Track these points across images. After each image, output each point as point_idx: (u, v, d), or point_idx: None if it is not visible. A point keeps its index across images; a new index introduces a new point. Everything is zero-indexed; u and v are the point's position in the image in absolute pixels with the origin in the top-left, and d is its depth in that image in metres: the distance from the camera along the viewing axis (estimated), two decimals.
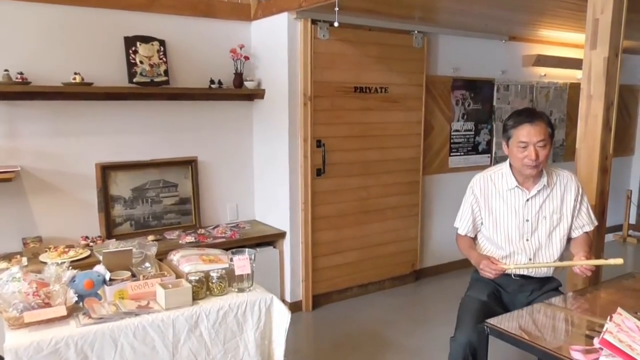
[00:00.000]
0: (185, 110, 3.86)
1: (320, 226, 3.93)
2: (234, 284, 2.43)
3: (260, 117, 4.08)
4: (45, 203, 3.42)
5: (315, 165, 3.82)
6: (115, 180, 3.67)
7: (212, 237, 3.69)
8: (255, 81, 3.96)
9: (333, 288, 4.10)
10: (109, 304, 2.16)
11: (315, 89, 3.72)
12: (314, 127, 3.76)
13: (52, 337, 1.94)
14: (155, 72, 3.62)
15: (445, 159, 4.71)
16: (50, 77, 3.28)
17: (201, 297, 2.32)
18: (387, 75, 4.08)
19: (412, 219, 4.44)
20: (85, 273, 2.22)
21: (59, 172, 3.45)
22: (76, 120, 3.46)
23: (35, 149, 3.35)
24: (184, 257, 2.51)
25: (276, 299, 2.43)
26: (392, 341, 3.44)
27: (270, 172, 4.03)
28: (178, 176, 3.92)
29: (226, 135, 4.06)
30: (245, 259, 2.39)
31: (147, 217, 3.80)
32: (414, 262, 4.52)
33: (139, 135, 3.71)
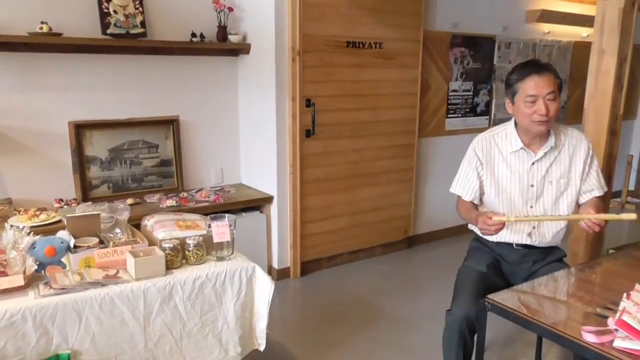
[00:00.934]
0: (165, 65, 3.59)
1: (309, 190, 3.73)
2: (213, 252, 2.24)
3: (245, 74, 3.82)
4: (14, 163, 3.20)
5: (304, 126, 3.60)
6: (90, 140, 3.43)
7: (194, 201, 3.49)
8: (240, 35, 3.68)
9: (322, 255, 3.94)
10: (72, 273, 1.97)
11: (304, 43, 3.45)
12: (303, 85, 3.52)
13: (7, 309, 1.76)
14: (130, 23, 3.34)
15: (442, 121, 4.49)
16: (14, 26, 3.00)
17: (176, 266, 2.14)
18: (381, 29, 3.81)
19: (406, 184, 4.25)
20: (47, 239, 2.02)
21: (28, 131, 3.21)
22: (45, 75, 3.20)
23: (1, 105, 3.10)
24: (158, 222, 2.31)
25: (258, 269, 2.26)
26: (382, 310, 3.30)
27: (257, 133, 3.80)
28: (158, 137, 3.68)
29: (209, 94, 3.81)
30: (225, 225, 2.19)
31: (126, 179, 3.59)
32: (407, 228, 4.35)
33: (115, 92, 3.45)
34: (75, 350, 1.88)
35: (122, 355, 1.98)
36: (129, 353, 1.99)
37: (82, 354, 1.89)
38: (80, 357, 1.89)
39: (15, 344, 1.77)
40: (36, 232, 2.60)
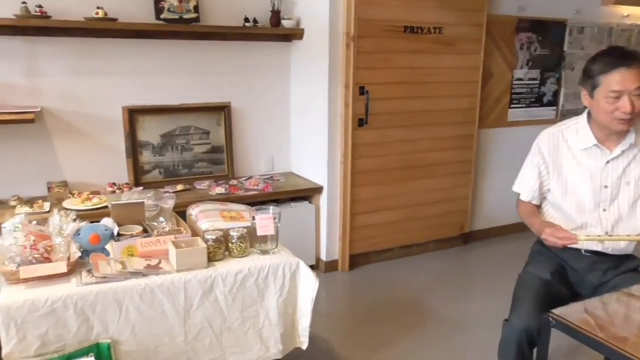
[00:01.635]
0: (218, 51, 3.54)
1: (360, 181, 3.60)
2: (256, 245, 2.17)
3: (298, 60, 3.72)
4: (70, 146, 3.26)
5: (357, 115, 3.46)
6: (143, 125, 3.45)
7: (244, 189, 3.44)
8: (293, 20, 3.57)
9: (372, 248, 3.81)
10: (115, 261, 1.95)
11: (359, 28, 3.30)
12: (356, 71, 3.37)
13: (49, 296, 1.75)
14: (184, 7, 3.30)
15: (505, 111, 4.22)
16: (71, 12, 3.03)
17: (218, 258, 2.08)
18: (441, 13, 3.59)
19: (463, 177, 4.04)
20: (92, 226, 2.01)
21: (84, 115, 3.25)
22: (101, 59, 3.22)
23: (58, 88, 3.15)
24: (203, 212, 2.26)
25: (303, 264, 2.16)
26: (433, 310, 3.15)
27: (308, 121, 3.70)
28: (210, 123, 3.65)
29: (261, 80, 3.74)
30: (269, 218, 2.11)
31: (177, 165, 3.59)
32: (463, 224, 4.14)
33: (167, 78, 3.44)
34: (115, 340, 1.86)
35: (162, 347, 1.94)
36: (168, 345, 1.95)
37: (121, 343, 1.87)
38: (120, 346, 1.87)
39: (56, 330, 1.77)
40: (86, 216, 2.65)
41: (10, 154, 3.10)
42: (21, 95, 3.07)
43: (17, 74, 3.04)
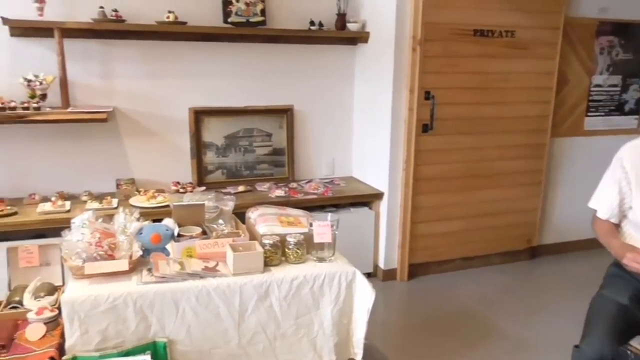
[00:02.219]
0: (282, 54, 3.55)
1: (422, 189, 3.50)
2: (313, 251, 2.14)
3: (363, 64, 3.67)
4: (139, 145, 3.37)
5: (421, 120, 3.36)
6: (208, 126, 3.51)
7: (303, 193, 3.43)
8: (359, 23, 3.53)
9: (432, 258, 3.69)
10: (174, 261, 1.97)
11: (426, 32, 3.20)
12: (422, 76, 3.28)
13: (110, 293, 1.80)
14: (251, 11, 3.34)
15: (581, 120, 3.97)
16: (144, 15, 3.14)
17: (275, 263, 2.07)
18: (514, 16, 3.42)
19: (532, 188, 3.83)
20: (154, 226, 2.05)
21: (152, 115, 3.36)
22: (169, 62, 3.32)
23: (129, 90, 3.27)
24: (261, 216, 2.25)
25: (360, 274, 2.11)
26: (496, 327, 3.00)
27: (371, 126, 3.64)
28: (273, 125, 3.67)
29: (325, 84, 3.72)
30: (326, 225, 2.07)
31: (239, 166, 3.63)
32: (530, 237, 3.94)
33: (233, 80, 3.49)
34: (171, 340, 1.88)
35: (216, 350, 1.95)
36: (222, 348, 1.96)
37: (177, 343, 1.90)
38: (176, 346, 1.89)
39: (116, 327, 1.81)
40: (150, 213, 2.72)
41: (83, 151, 3.25)
42: (95, 96, 3.21)
43: (92, 75, 3.18)
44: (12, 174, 3.13)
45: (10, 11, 2.86)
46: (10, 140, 3.09)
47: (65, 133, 3.17)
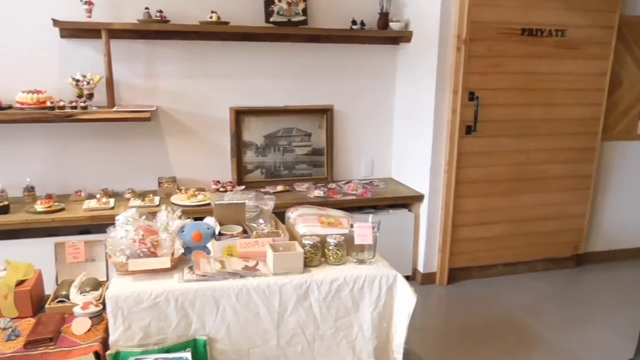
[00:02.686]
0: (323, 54, 3.54)
1: (464, 192, 3.42)
2: (353, 253, 2.11)
3: (405, 64, 3.62)
4: (180, 144, 3.42)
5: (464, 122, 3.28)
6: (248, 126, 3.53)
7: (342, 194, 3.41)
8: (402, 22, 3.48)
9: (473, 263, 3.60)
10: (215, 259, 1.98)
11: (471, 31, 3.13)
12: (466, 76, 3.20)
13: (153, 289, 1.82)
14: (293, 10, 3.33)
15: (634, 123, 3.79)
16: (187, 16, 3.18)
17: (315, 264, 2.05)
18: (565, 14, 3.30)
19: (580, 193, 3.69)
20: (195, 224, 2.07)
21: (194, 114, 3.40)
22: (211, 62, 3.35)
23: (172, 89, 3.32)
24: (301, 216, 2.24)
25: (401, 278, 2.07)
26: (539, 336, 2.90)
27: (412, 127, 3.58)
28: (312, 125, 3.66)
29: (366, 83, 3.68)
30: (367, 227, 2.04)
31: (278, 166, 3.64)
32: (577, 244, 3.79)
33: (273, 80, 3.50)
34: (211, 338, 1.89)
35: (255, 349, 1.95)
36: (261, 347, 1.95)
37: (217, 341, 1.90)
38: (215, 344, 1.90)
39: (158, 323, 1.83)
40: (190, 212, 2.75)
41: (127, 149, 3.32)
42: (139, 95, 3.27)
43: (136, 75, 3.24)
44: (60, 171, 3.23)
45: (60, 13, 2.94)
46: (59, 138, 3.19)
47: (110, 132, 3.25)
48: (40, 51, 3.05)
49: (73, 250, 2.08)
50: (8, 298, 1.85)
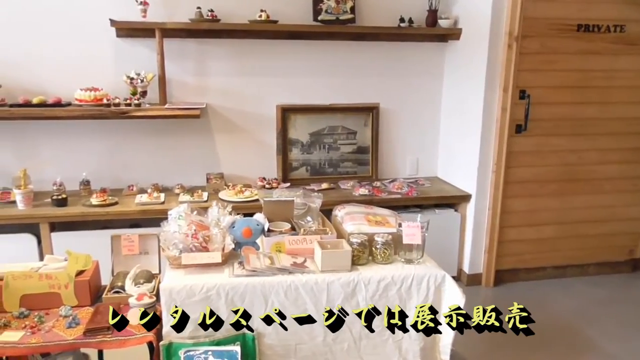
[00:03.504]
0: (370, 51, 3.53)
1: (513, 192, 3.35)
2: (401, 252, 2.10)
3: (453, 61, 3.56)
4: (228, 141, 3.48)
5: (515, 120, 3.21)
6: (294, 124, 3.56)
7: (387, 192, 3.39)
8: (451, 19, 3.42)
9: (521, 265, 3.52)
10: (264, 255, 2.01)
11: (524, 27, 3.05)
12: (517, 74, 3.12)
13: (205, 283, 1.87)
14: (341, 9, 3.34)
15: None
16: (237, 14, 3.23)
17: (362, 262, 2.05)
18: (625, 9, 3.17)
19: (637, 195, 3.55)
20: (245, 220, 2.10)
21: (242, 112, 3.45)
22: (259, 60, 3.39)
23: (221, 87, 3.38)
24: (349, 214, 2.25)
25: (449, 278, 2.05)
26: (589, 343, 2.81)
27: (460, 125, 3.53)
28: (358, 123, 3.66)
29: (412, 81, 3.65)
30: (416, 226, 2.03)
31: (323, 164, 3.65)
32: (632, 248, 3.64)
33: (320, 78, 3.51)
34: (259, 332, 1.92)
35: (302, 345, 1.97)
36: (308, 344, 1.97)
37: (265, 336, 1.93)
38: (263, 339, 1.93)
39: (209, 317, 1.87)
40: (237, 208, 2.78)
41: (177, 146, 3.40)
42: (189, 93, 3.35)
43: (187, 73, 3.32)
44: (113, 165, 3.34)
45: (117, 14, 3.05)
46: (113, 134, 3.30)
47: (161, 128, 3.34)
48: (98, 50, 3.17)
49: (128, 243, 2.15)
50: (69, 287, 1.93)
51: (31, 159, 3.18)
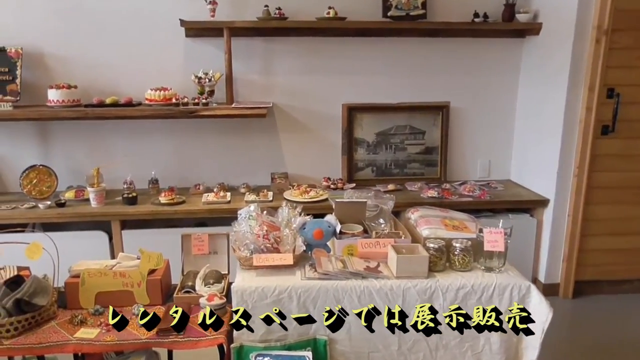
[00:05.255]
0: (441, 48, 3.39)
1: (596, 198, 3.11)
2: (480, 259, 1.96)
3: (531, 58, 3.36)
4: (293, 140, 3.44)
5: (601, 121, 2.99)
6: (360, 123, 3.47)
7: (457, 195, 3.24)
8: (530, 13, 3.23)
9: (604, 276, 3.28)
10: (336, 259, 1.93)
11: (615, 20, 2.82)
12: (605, 71, 2.90)
13: (277, 285, 1.81)
14: (412, 4, 3.22)
15: None
16: (305, 12, 3.18)
17: (439, 269, 1.93)
18: None
19: None
20: (316, 222, 2.03)
21: (307, 111, 3.40)
22: (326, 58, 3.34)
23: (287, 86, 3.35)
24: (423, 217, 2.13)
25: (535, 289, 1.90)
26: None
27: (537, 126, 3.32)
28: (426, 122, 3.52)
29: (486, 79, 3.47)
30: (499, 233, 1.88)
31: (389, 165, 3.54)
32: None
33: (387, 76, 3.41)
34: (332, 338, 1.84)
35: (375, 354, 1.87)
36: (381, 352, 1.87)
37: (337, 342, 1.85)
38: (335, 345, 1.85)
39: None
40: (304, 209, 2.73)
41: (242, 144, 3.40)
42: (255, 92, 3.33)
43: (253, 72, 3.30)
44: (180, 164, 3.38)
45: (186, 14, 3.07)
46: (181, 133, 3.33)
47: (227, 127, 3.34)
48: (168, 51, 3.21)
49: (198, 242, 2.13)
50: (141, 286, 1.93)
51: (104, 158, 3.25)
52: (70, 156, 3.29)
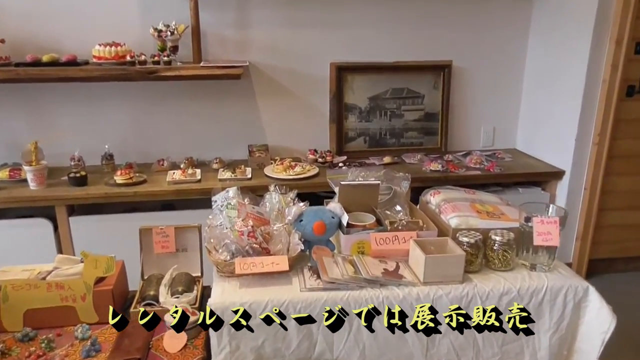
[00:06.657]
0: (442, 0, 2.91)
1: (618, 168, 2.77)
2: (524, 254, 1.56)
3: (543, 11, 2.93)
4: (273, 107, 2.96)
5: (627, 80, 2.61)
6: (351, 86, 3.00)
7: (464, 167, 2.84)
8: None
9: (620, 254, 2.98)
10: (344, 260, 1.50)
11: None
12: (636, 22, 2.49)
13: (268, 300, 1.36)
14: None
15: None
16: None
17: (474, 269, 1.52)
18: None
19: None
20: (315, 211, 1.58)
21: (289, 71, 2.91)
22: (311, 9, 2.83)
23: (266, 42, 2.84)
24: (448, 202, 1.70)
25: (594, 292, 1.52)
26: None
27: (550, 88, 2.91)
28: (426, 85, 3.08)
29: (492, 36, 3.03)
30: (553, 222, 1.47)
31: (384, 134, 3.10)
32: None
33: (382, 31, 2.93)
34: None
35: None
36: None
37: None
38: None
39: (274, 344, 1.39)
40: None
41: (214, 112, 2.90)
42: (228, 49, 2.82)
43: (226, 24, 2.78)
44: (140, 136, 2.87)
45: None
46: (139, 99, 2.81)
47: (195, 91, 2.84)
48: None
49: (161, 238, 1.66)
50: (86, 299, 1.46)
51: (44, 129, 2.72)
52: (2, 127, 2.72)
